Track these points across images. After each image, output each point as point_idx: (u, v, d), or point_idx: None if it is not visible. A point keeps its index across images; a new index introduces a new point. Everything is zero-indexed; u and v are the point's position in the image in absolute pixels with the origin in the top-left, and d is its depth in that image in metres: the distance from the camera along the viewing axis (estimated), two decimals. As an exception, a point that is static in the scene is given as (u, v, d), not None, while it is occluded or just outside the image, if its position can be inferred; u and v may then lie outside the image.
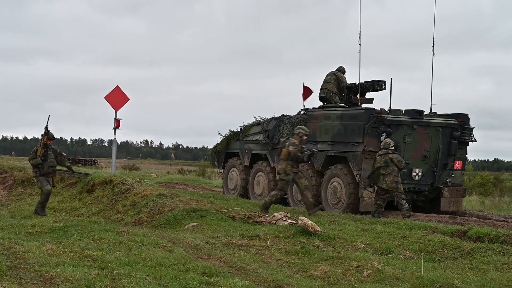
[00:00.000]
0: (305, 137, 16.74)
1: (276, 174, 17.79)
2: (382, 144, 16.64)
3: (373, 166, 16.51)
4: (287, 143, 16.63)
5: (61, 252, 9.48)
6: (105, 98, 24.84)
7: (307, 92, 21.03)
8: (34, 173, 17.65)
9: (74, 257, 9.18)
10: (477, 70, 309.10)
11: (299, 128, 16.81)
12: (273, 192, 16.93)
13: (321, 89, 20.30)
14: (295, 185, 19.64)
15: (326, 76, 20.36)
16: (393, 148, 16.48)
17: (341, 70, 20.49)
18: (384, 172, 16.24)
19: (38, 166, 17.30)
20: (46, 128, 17.31)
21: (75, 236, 11.17)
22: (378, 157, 16.39)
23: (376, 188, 16.62)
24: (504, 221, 16.63)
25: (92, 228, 12.45)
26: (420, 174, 18.19)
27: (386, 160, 16.23)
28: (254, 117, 22.38)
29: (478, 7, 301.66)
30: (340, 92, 20.24)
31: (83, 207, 20.44)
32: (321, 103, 20.37)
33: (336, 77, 20.21)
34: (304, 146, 16.69)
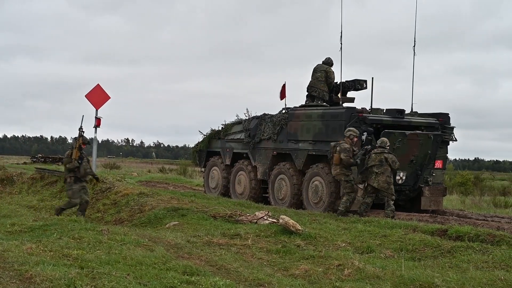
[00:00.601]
0: (355, 139, 16.66)
1: (332, 179, 17.39)
2: (379, 142, 16.67)
3: (366, 163, 16.52)
4: (337, 148, 16.51)
5: (40, 251, 9.42)
6: (85, 96, 24.68)
7: (282, 94, 21.04)
8: (68, 179, 16.32)
9: (54, 256, 9.13)
10: (457, 70, 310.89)
11: (349, 130, 16.73)
12: (344, 199, 16.60)
13: (311, 87, 20.22)
14: (276, 184, 19.71)
15: (316, 73, 20.18)
16: (389, 147, 16.53)
17: (329, 62, 20.33)
18: (377, 171, 16.28)
19: (74, 170, 16.15)
20: (80, 129, 16.29)
21: (55, 235, 11.12)
22: (373, 155, 16.41)
23: (366, 185, 16.64)
24: (484, 220, 16.70)
25: (72, 227, 12.40)
26: (404, 178, 18.23)
27: (381, 159, 16.28)
28: (236, 116, 22.39)
29: (457, 8, 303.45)
30: (329, 87, 20.20)
31: (63, 206, 20.32)
32: (303, 101, 20.35)
33: (326, 74, 20.14)
34: (355, 149, 16.67)
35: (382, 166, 16.26)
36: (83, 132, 16.24)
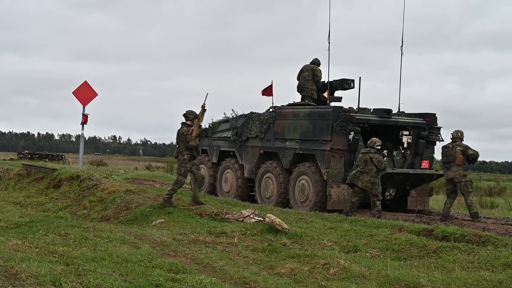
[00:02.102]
0: None
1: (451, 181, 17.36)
2: (368, 142, 16.75)
3: (356, 164, 16.65)
4: (458, 149, 16.67)
5: (26, 248, 9.38)
6: (73, 93, 24.69)
7: (268, 92, 21.06)
8: (186, 156, 16.45)
9: (39, 252, 9.09)
10: (444, 71, 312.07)
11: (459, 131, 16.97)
12: (468, 200, 16.77)
13: (300, 87, 20.26)
14: (263, 183, 19.72)
15: (303, 72, 20.24)
16: (379, 147, 16.55)
17: (316, 62, 20.39)
18: (361, 171, 16.31)
19: (195, 148, 16.39)
20: (203, 107, 16.40)
21: (41, 232, 11.07)
22: (360, 154, 16.53)
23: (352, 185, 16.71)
24: (470, 220, 16.75)
25: (58, 223, 12.35)
26: (393, 193, 18.45)
27: (366, 159, 16.32)
28: (224, 114, 22.39)
29: (444, 9, 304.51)
30: (317, 86, 20.22)
31: (49, 202, 20.29)
32: (290, 101, 20.38)
33: (313, 72, 20.17)
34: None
35: (367, 166, 16.27)
36: (206, 110, 16.42)
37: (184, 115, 16.67)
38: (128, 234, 11.58)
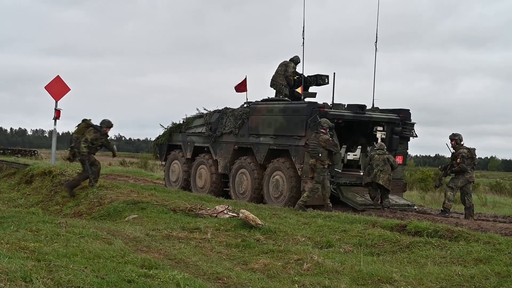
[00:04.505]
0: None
1: None
2: (378, 145, 17.74)
3: (369, 164, 17.59)
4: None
5: (-3, 244, 9.29)
6: (45, 87, 24.52)
7: (242, 88, 21.06)
8: (326, 166, 16.70)
9: (10, 248, 8.99)
10: (416, 68, 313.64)
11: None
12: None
13: (272, 81, 20.28)
14: (237, 178, 19.70)
15: (278, 67, 20.31)
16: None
17: (294, 59, 20.39)
18: (381, 169, 17.28)
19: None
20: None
21: (12, 227, 10.97)
22: (376, 155, 17.38)
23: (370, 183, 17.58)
24: (443, 216, 16.85)
25: (29, 219, 12.26)
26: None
27: (384, 159, 17.35)
28: (197, 110, 22.34)
29: (416, 8, 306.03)
30: (287, 82, 20.19)
31: (21, 198, 20.11)
32: (264, 97, 20.37)
33: (285, 68, 20.19)
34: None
35: (386, 165, 17.24)
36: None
37: (319, 123, 16.90)
38: (101, 229, 11.51)
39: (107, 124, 18.28)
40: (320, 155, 16.42)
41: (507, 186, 38.81)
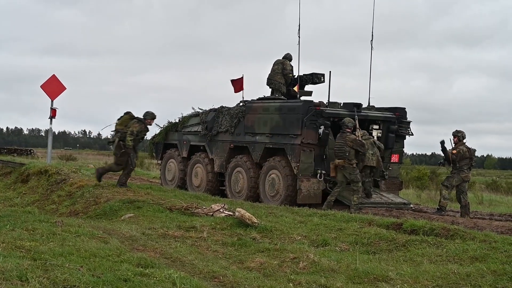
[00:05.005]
0: None
1: None
2: (362, 133, 17.49)
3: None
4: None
5: (-8, 243, 9.28)
6: (41, 87, 24.51)
7: (239, 86, 21.06)
8: (355, 165, 17.02)
9: (6, 247, 8.99)
10: (412, 67, 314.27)
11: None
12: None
13: (269, 79, 20.27)
14: (233, 177, 19.70)
15: (273, 66, 20.31)
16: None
17: (287, 57, 20.42)
18: (371, 152, 17.35)
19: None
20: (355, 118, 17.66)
21: (8, 227, 10.95)
22: (364, 141, 17.21)
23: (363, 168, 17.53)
24: (439, 214, 16.87)
25: (25, 218, 12.23)
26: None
27: (371, 142, 17.48)
28: (193, 108, 22.33)
29: (412, 7, 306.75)
30: (285, 80, 20.22)
31: (17, 197, 20.13)
32: (261, 95, 20.37)
33: (282, 66, 20.21)
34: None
35: (374, 148, 17.39)
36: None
37: (343, 123, 17.04)
38: (97, 228, 11.50)
39: (151, 116, 18.08)
40: (347, 154, 16.56)
41: (503, 184, 38.93)
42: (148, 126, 18.39)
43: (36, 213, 13.68)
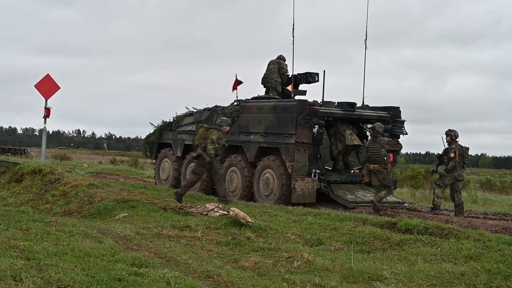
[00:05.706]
0: None
1: None
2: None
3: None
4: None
5: (-14, 242, 9.26)
6: (35, 86, 24.45)
7: (236, 83, 21.07)
8: (389, 169, 16.92)
9: (0, 247, 8.98)
10: (406, 66, 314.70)
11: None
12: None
13: (265, 78, 20.29)
14: (227, 176, 19.68)
15: (269, 65, 20.35)
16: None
17: (281, 58, 20.52)
18: None
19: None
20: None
21: (1, 226, 10.91)
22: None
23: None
24: (433, 213, 16.88)
25: (19, 218, 12.19)
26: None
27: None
28: (187, 108, 22.32)
29: (406, 6, 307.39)
30: (282, 80, 20.26)
31: (11, 197, 20.06)
32: (255, 94, 20.38)
33: (279, 65, 20.24)
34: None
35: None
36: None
37: (373, 128, 16.92)
38: (91, 228, 11.49)
39: (226, 122, 17.24)
40: (385, 158, 16.40)
41: (498, 183, 38.92)
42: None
43: (30, 213, 13.64)
